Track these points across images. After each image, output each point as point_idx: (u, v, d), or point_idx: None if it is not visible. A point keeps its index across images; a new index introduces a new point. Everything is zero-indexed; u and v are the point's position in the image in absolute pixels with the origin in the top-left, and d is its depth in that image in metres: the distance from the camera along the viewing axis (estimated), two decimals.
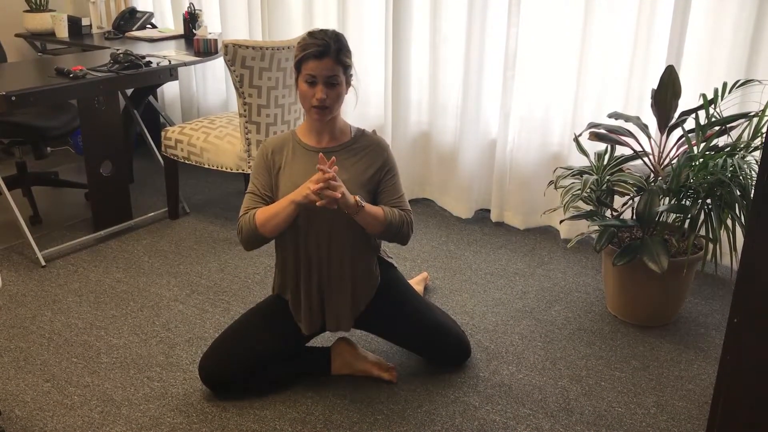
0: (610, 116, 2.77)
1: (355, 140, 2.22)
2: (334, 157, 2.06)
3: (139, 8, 4.37)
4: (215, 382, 2.26)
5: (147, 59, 3.34)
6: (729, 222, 2.40)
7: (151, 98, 4.09)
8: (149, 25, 4.28)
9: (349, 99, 2.28)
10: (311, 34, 2.10)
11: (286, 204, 2.09)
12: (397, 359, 2.47)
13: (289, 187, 2.15)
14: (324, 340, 2.54)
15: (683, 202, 2.49)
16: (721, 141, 2.58)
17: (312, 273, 2.23)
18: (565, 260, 3.20)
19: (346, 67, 2.12)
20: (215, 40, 3.69)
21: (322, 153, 2.08)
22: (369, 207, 2.11)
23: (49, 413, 2.21)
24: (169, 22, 4.42)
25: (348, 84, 2.16)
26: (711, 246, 2.43)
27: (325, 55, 2.06)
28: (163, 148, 3.48)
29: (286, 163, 2.19)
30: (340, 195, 2.00)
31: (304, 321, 2.28)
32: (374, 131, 2.29)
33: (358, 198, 2.08)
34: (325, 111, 2.11)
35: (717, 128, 2.50)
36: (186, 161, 3.42)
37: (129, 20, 4.19)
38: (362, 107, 3.81)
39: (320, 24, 3.75)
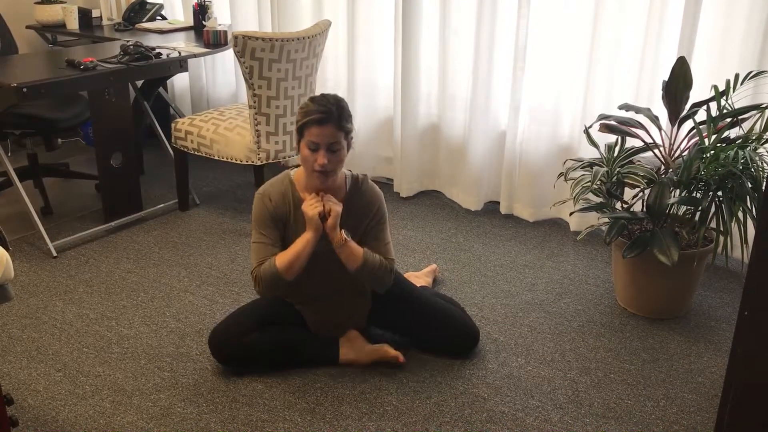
0: (620, 108, 2.76)
1: (351, 196, 2.29)
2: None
3: (149, 0, 4.37)
4: (222, 346, 2.32)
5: (157, 51, 3.34)
6: (740, 214, 2.39)
7: (161, 90, 4.09)
8: (159, 17, 4.28)
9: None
10: (313, 100, 2.15)
11: (303, 243, 2.19)
12: (405, 351, 2.47)
13: None
14: None
15: (694, 195, 2.48)
16: (733, 133, 2.56)
17: (314, 304, 2.38)
18: (574, 252, 3.19)
19: (347, 133, 2.17)
20: (225, 32, 3.69)
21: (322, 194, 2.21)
22: (352, 244, 2.21)
23: (61, 402, 2.23)
24: (178, 13, 4.42)
25: (349, 147, 2.21)
26: (722, 238, 2.42)
27: (327, 122, 2.10)
28: (173, 140, 3.49)
29: (291, 224, 2.26)
30: (333, 217, 2.15)
31: (315, 328, 2.43)
32: (366, 176, 2.34)
33: (344, 232, 2.18)
34: (327, 175, 2.15)
35: (728, 120, 2.49)
36: (196, 153, 3.43)
37: (139, 12, 4.20)
38: (371, 100, 3.80)
39: (329, 15, 3.75)
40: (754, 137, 2.43)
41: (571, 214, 3.35)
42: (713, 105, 2.53)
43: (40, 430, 2.12)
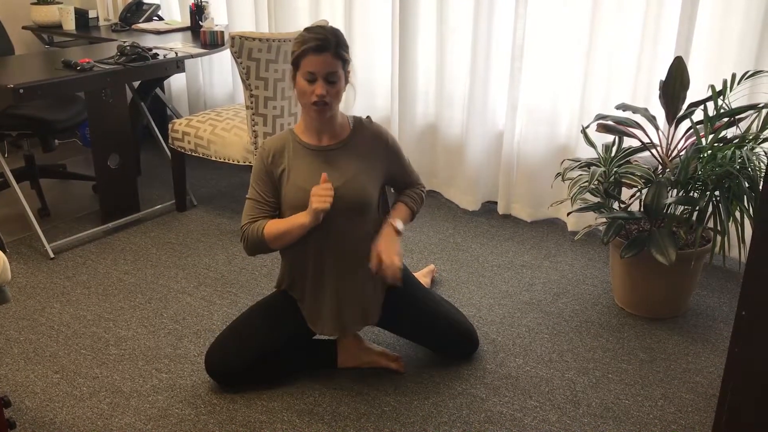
0: (617, 108, 2.76)
1: (355, 133, 2.22)
2: (324, 174, 2.09)
3: (146, 0, 4.37)
4: (220, 374, 2.28)
5: (154, 51, 3.34)
6: (737, 214, 2.39)
7: (158, 90, 4.09)
8: (156, 17, 4.28)
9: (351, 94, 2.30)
10: (309, 30, 2.08)
11: (297, 225, 2.11)
12: (403, 352, 2.47)
13: (294, 193, 2.15)
14: None
15: (691, 194, 2.48)
16: (730, 132, 2.57)
17: (326, 278, 2.24)
18: (572, 252, 3.19)
19: (345, 62, 2.10)
20: (222, 32, 3.69)
21: (325, 174, 2.11)
22: (403, 221, 2.27)
23: (58, 404, 2.23)
24: (175, 14, 4.42)
25: (346, 80, 2.14)
26: (719, 238, 2.42)
27: (325, 50, 2.03)
28: (170, 141, 3.49)
29: (290, 167, 2.17)
30: (397, 262, 2.15)
31: (318, 325, 2.29)
32: (368, 117, 2.27)
33: (396, 222, 2.22)
34: (324, 107, 2.08)
35: (725, 120, 2.49)
36: (193, 154, 3.43)
37: (136, 12, 4.20)
38: (369, 99, 3.80)
39: (327, 15, 3.75)
40: (751, 137, 2.44)
41: (568, 214, 3.36)
42: (710, 105, 2.54)
43: None
